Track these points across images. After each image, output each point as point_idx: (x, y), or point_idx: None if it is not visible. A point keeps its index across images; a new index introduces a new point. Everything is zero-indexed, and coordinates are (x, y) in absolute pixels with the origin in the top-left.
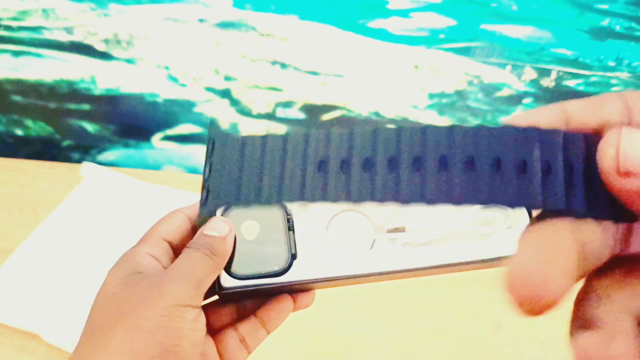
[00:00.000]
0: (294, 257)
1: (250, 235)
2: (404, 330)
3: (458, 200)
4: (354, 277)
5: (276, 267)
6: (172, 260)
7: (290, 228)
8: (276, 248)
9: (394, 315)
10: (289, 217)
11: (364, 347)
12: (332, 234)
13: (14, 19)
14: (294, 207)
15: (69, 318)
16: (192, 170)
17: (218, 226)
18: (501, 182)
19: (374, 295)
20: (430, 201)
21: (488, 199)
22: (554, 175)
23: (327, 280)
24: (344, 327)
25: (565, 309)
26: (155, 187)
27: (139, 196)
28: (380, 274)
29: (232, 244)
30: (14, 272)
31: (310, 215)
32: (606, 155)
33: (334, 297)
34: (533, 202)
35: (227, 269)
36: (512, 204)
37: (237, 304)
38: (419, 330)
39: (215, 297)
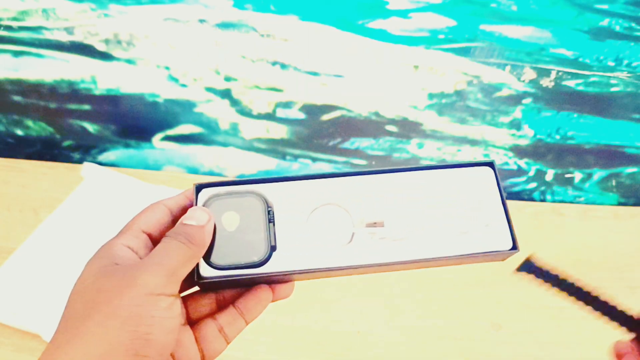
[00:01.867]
0: (273, 248)
1: (231, 226)
2: (403, 330)
3: None
4: (333, 269)
5: (255, 258)
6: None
7: (271, 220)
8: (256, 239)
9: (393, 315)
10: (269, 209)
11: (363, 347)
12: (311, 226)
13: (14, 19)
14: (274, 200)
15: None
16: (193, 171)
17: (197, 215)
18: None
19: (374, 295)
20: None
21: None
22: None
23: (305, 272)
24: (343, 327)
25: (563, 308)
26: (156, 187)
27: (139, 196)
28: (359, 267)
29: (211, 234)
30: (14, 272)
31: (291, 208)
32: None
33: (334, 297)
34: None
35: (207, 259)
36: None
37: (216, 294)
38: (419, 330)
39: (195, 288)
